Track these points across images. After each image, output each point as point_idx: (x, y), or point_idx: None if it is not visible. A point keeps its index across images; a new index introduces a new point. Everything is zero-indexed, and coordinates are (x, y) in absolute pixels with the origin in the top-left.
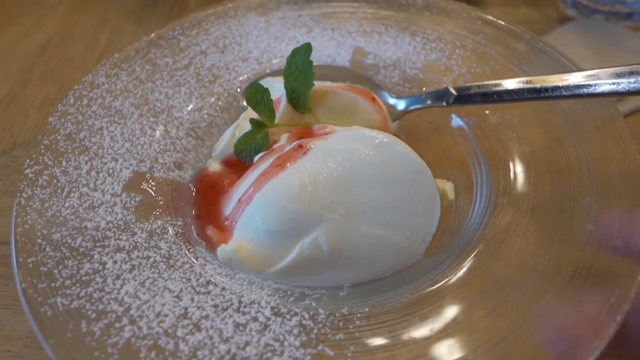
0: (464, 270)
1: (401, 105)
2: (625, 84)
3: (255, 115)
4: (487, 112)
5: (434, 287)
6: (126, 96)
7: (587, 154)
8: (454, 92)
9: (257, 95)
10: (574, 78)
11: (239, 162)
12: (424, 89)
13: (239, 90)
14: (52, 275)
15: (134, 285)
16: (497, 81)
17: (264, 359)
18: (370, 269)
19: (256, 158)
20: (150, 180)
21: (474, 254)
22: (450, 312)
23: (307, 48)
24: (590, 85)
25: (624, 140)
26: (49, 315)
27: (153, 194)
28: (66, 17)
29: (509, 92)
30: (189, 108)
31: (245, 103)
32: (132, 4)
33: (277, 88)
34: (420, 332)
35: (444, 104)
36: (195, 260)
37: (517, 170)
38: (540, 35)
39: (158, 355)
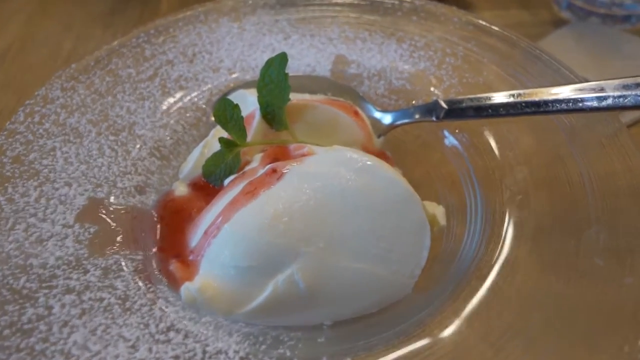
0: (458, 311)
1: (387, 119)
2: (632, 97)
3: (225, 133)
4: (481, 127)
5: (426, 331)
6: (83, 112)
7: (590, 172)
8: (444, 105)
9: (226, 111)
10: (577, 91)
11: (208, 185)
12: (412, 101)
13: (207, 104)
14: None
15: (84, 333)
16: (492, 94)
17: None
18: (353, 307)
19: (227, 181)
20: (108, 208)
21: (469, 292)
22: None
23: (282, 58)
24: (595, 99)
25: (630, 155)
26: None
27: (110, 223)
28: (29, 21)
29: (504, 105)
30: (153, 124)
31: None
32: (100, 8)
33: (250, 102)
34: None
35: (434, 118)
36: (155, 302)
37: (515, 192)
38: (535, 39)
39: None
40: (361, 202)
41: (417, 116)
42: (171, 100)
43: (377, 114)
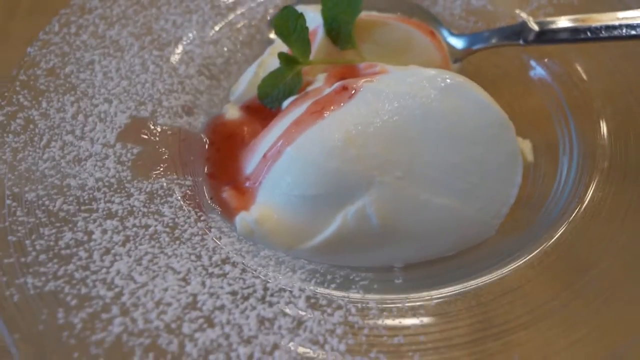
0: (545, 262)
1: (464, 43)
2: None
3: (284, 49)
4: (571, 53)
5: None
6: (124, 24)
7: None
8: (534, 27)
9: (289, 21)
10: None
11: (263, 109)
12: (493, 25)
13: (262, 20)
14: (23, 247)
15: (128, 262)
16: (592, 15)
17: None
18: (430, 248)
19: (285, 103)
20: (153, 128)
21: (563, 238)
22: (537, 317)
23: None
24: None
25: None
26: (15, 300)
27: (156, 145)
28: None
29: (608, 28)
30: (201, 40)
31: (272, 35)
32: None
33: (311, 18)
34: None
35: (521, 42)
36: (207, 232)
37: (620, 125)
38: None
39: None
40: (447, 126)
41: (500, 40)
42: (222, 14)
43: (453, 38)
